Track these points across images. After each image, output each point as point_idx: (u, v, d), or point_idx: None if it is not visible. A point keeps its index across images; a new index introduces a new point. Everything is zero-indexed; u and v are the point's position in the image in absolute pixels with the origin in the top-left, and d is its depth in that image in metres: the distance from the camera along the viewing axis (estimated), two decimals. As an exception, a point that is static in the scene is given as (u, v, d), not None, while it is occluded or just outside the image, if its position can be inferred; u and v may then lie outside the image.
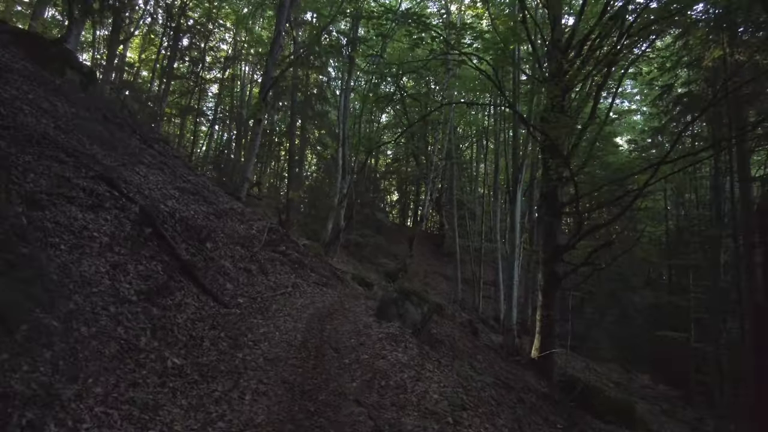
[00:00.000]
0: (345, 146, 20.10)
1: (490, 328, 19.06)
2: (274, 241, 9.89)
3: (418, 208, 34.87)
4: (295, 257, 9.78)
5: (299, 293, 8.62)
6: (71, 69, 11.05)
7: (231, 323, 6.19)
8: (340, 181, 19.92)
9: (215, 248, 8.24)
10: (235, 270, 8.10)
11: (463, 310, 20.47)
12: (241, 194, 11.93)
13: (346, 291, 10.03)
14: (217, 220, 9.26)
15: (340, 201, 19.70)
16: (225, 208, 9.92)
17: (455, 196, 22.10)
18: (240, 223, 9.88)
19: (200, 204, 9.32)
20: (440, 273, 26.98)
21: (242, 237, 9.39)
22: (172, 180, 9.29)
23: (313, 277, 9.51)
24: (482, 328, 18.51)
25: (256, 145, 12.15)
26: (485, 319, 19.50)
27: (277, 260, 9.39)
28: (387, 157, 34.81)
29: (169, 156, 10.60)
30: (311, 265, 10.07)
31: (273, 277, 8.83)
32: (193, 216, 8.47)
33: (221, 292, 7.03)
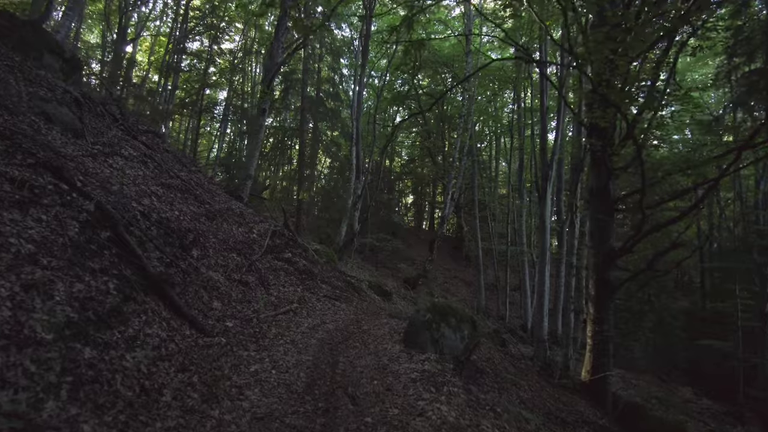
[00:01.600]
0: (359, 145, 18.42)
1: (519, 339, 17.14)
2: (278, 247, 8.18)
3: (434, 211, 33.02)
4: (302, 265, 8.06)
5: (307, 311, 6.88)
6: (50, 53, 9.49)
7: (211, 359, 4.47)
8: (354, 181, 18.23)
9: (203, 256, 6.55)
10: (226, 283, 6.39)
11: (487, 317, 18.58)
12: (242, 193, 10.27)
13: (364, 305, 8.28)
14: (209, 223, 7.58)
15: (354, 203, 17.99)
16: (220, 209, 8.24)
17: (476, 197, 20.22)
18: (238, 225, 8.19)
19: (189, 203, 7.64)
20: (460, 278, 25.11)
21: (239, 242, 7.69)
22: (156, 175, 7.63)
23: (323, 289, 7.78)
24: (509, 338, 16.64)
25: (259, 138, 10.52)
26: (513, 329, 17.60)
27: (281, 270, 7.67)
28: (402, 159, 33.06)
29: (157, 149, 8.96)
30: (322, 274, 8.35)
31: (275, 290, 7.11)
32: (178, 217, 6.79)
33: (204, 314, 5.32)
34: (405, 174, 30.86)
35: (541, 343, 14.99)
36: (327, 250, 13.62)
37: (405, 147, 31.80)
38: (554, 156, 16.03)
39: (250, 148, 10.68)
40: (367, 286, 12.82)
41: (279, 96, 20.17)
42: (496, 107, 23.28)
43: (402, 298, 14.84)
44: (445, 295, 21.63)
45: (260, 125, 10.52)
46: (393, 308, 9.97)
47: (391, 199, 28.94)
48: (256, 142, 10.44)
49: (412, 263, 23.02)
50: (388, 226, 24.19)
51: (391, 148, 27.03)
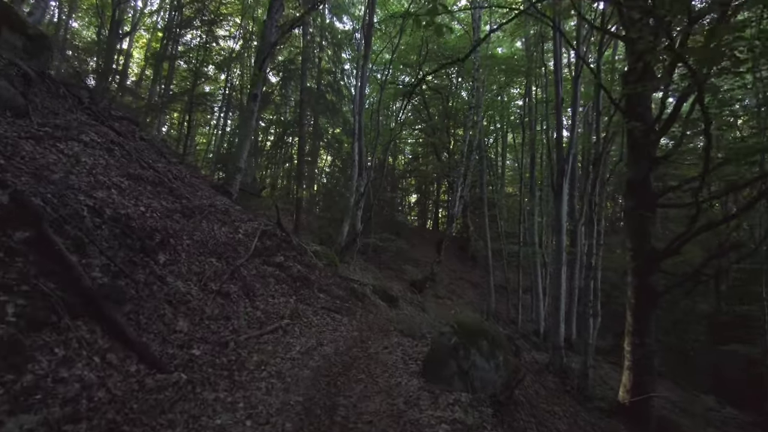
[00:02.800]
0: (361, 140, 17.07)
1: (532, 345, 15.79)
2: (268, 250, 6.84)
3: (438, 209, 31.65)
4: (297, 271, 6.72)
5: (300, 328, 5.54)
6: (11, 30, 8.16)
7: (159, 410, 3.13)
8: (357, 179, 16.89)
9: (172, 261, 5.22)
10: (200, 296, 5.06)
11: (497, 321, 17.24)
12: (231, 188, 8.93)
13: (369, 318, 6.92)
14: (186, 221, 6.24)
15: (356, 201, 16.66)
16: (200, 205, 6.90)
17: (485, 195, 18.86)
18: (221, 224, 6.85)
19: (162, 198, 6.31)
20: (466, 279, 23.72)
21: (221, 244, 6.35)
22: (123, 165, 6.29)
23: (321, 299, 6.44)
24: (523, 345, 15.28)
25: (250, 126, 9.19)
26: (526, 334, 16.24)
27: (270, 276, 6.33)
28: (405, 157, 31.66)
29: (131, 137, 7.63)
30: (320, 281, 7.00)
31: (262, 302, 5.77)
32: (143, 214, 5.46)
33: (163, 340, 3.99)
34: (409, 172, 29.48)
35: (556, 350, 13.68)
36: (327, 252, 12.28)
37: (408, 145, 30.43)
38: (570, 150, 14.70)
39: (240, 138, 9.37)
40: (371, 291, 11.48)
41: (277, 85, 18.82)
42: (504, 101, 21.88)
43: (409, 303, 13.49)
44: (451, 297, 20.30)
45: (251, 112, 9.19)
46: (402, 318, 8.62)
47: (394, 197, 27.60)
48: (247, 131, 9.10)
49: (417, 264, 21.66)
50: (392, 225, 22.83)
51: (395, 145, 25.67)
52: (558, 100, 15.05)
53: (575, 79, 14.71)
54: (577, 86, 14.83)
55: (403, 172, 29.79)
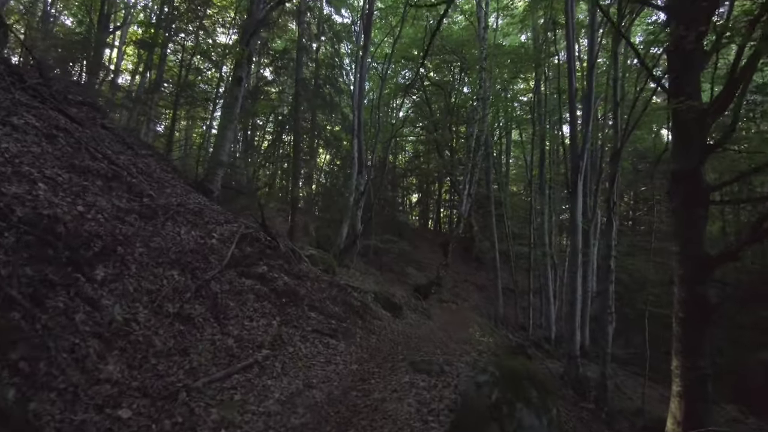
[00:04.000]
0: (360, 137, 15.77)
1: (545, 353, 14.46)
2: (249, 258, 5.51)
3: (440, 209, 30.29)
4: (283, 284, 5.39)
5: (283, 362, 4.23)
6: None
7: None
8: (356, 177, 15.58)
9: (116, 277, 3.89)
10: (150, 322, 3.75)
11: (505, 327, 15.93)
12: (211, 184, 7.62)
13: (371, 342, 5.53)
14: (143, 224, 4.92)
15: (356, 200, 15.35)
16: (167, 204, 5.58)
17: (492, 193, 17.56)
18: (190, 227, 5.52)
19: (114, 196, 4.99)
20: (471, 281, 22.40)
21: (188, 252, 5.03)
22: (65, 155, 4.98)
23: (313, 320, 5.10)
24: (535, 354, 13.98)
25: (234, 114, 7.86)
26: (537, 341, 14.92)
27: (249, 292, 5.01)
28: (405, 156, 30.28)
29: (88, 124, 6.31)
30: (312, 295, 5.64)
31: (235, 327, 4.45)
32: (80, 217, 4.14)
33: (72, 398, 2.67)
34: (410, 170, 28.09)
35: (572, 360, 12.37)
36: (324, 256, 10.98)
37: (409, 143, 29.07)
38: (585, 145, 13.37)
39: (221, 127, 8.07)
40: (372, 299, 10.15)
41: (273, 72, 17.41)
42: (509, 95, 20.55)
43: (413, 311, 12.17)
44: (456, 301, 18.96)
45: (235, 98, 7.87)
46: (409, 333, 7.27)
47: (395, 197, 26.26)
48: (230, 119, 7.78)
49: (420, 266, 20.33)
50: (393, 226, 21.49)
51: (395, 143, 24.35)
52: (571, 91, 13.74)
53: (590, 69, 13.40)
54: (592, 76, 13.55)
55: (404, 170, 28.43)
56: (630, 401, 14.19)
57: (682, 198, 6.61)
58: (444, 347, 6.14)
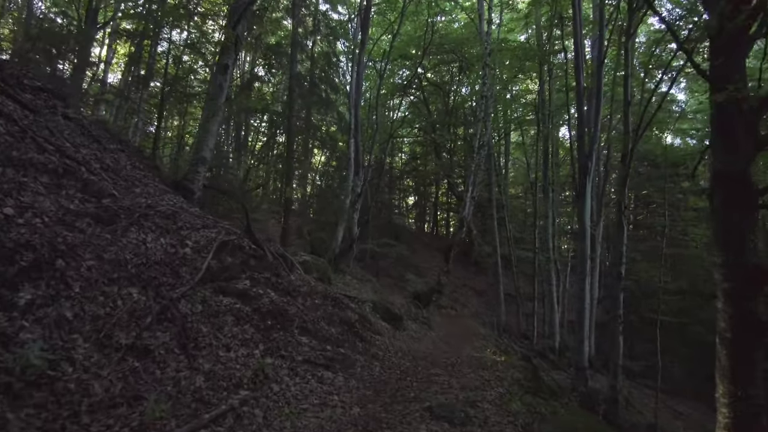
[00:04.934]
0: (357, 136, 14.88)
1: (550, 364, 13.60)
2: (229, 270, 4.57)
3: (437, 212, 29.42)
4: (270, 302, 4.45)
5: (265, 409, 3.30)
6: None
7: None
8: (353, 178, 14.67)
9: (48, 301, 2.94)
10: (90, 361, 2.80)
11: (508, 335, 15.05)
12: (192, 184, 6.66)
13: (375, 372, 4.53)
14: (98, 230, 3.97)
15: (352, 202, 14.44)
16: (132, 206, 4.63)
17: (494, 196, 16.69)
18: (160, 234, 4.57)
19: (63, 196, 4.05)
20: (470, 286, 21.54)
21: (153, 264, 4.08)
22: (2, 145, 4.02)
23: (304, 346, 4.12)
24: (540, 364, 13.12)
25: (219, 106, 6.90)
26: (542, 351, 14.05)
27: (228, 313, 4.06)
28: (402, 158, 29.36)
29: (44, 113, 5.34)
30: (304, 314, 4.67)
31: (208, 360, 3.52)
32: (7, 220, 3.20)
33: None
34: (407, 172, 27.19)
35: (580, 371, 11.51)
36: (319, 262, 10.04)
37: (407, 144, 28.17)
38: (593, 145, 12.53)
39: (204, 119, 7.13)
40: (370, 309, 9.24)
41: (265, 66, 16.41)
42: (508, 98, 19.71)
43: (414, 320, 11.27)
44: (455, 307, 18.09)
45: (220, 87, 6.94)
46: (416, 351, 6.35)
47: (392, 199, 25.34)
48: (214, 110, 6.84)
49: (419, 271, 19.42)
50: (391, 229, 20.59)
51: (393, 144, 23.43)
52: (579, 88, 12.90)
53: (598, 65, 12.61)
54: (601, 73, 12.75)
55: (401, 172, 27.52)
56: (640, 415, 13.32)
57: (725, 201, 5.72)
58: (458, 373, 5.24)
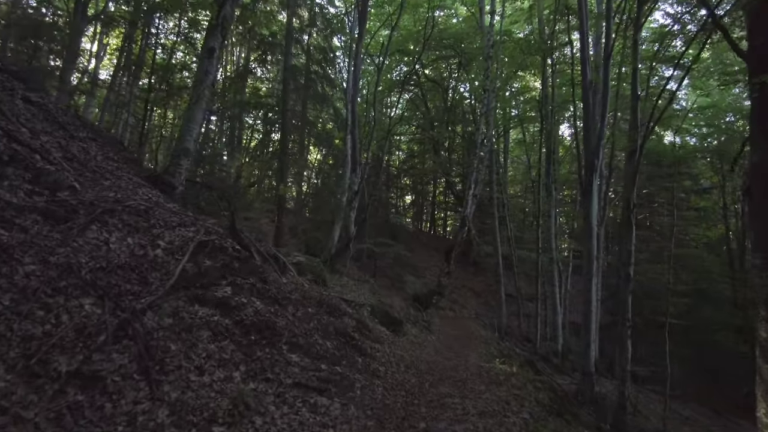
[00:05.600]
0: (354, 132, 14.23)
1: (553, 368, 13.01)
2: (207, 275, 3.88)
3: (435, 211, 28.80)
4: (254, 313, 3.75)
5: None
6: None
7: None
8: (350, 175, 14.02)
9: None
10: (13, 396, 2.12)
11: (510, 338, 14.43)
12: (174, 178, 5.98)
13: (377, 395, 3.77)
14: (47, 228, 3.29)
15: (349, 200, 13.79)
16: (94, 201, 3.94)
17: (495, 194, 16.08)
18: (128, 233, 3.89)
19: (5, 187, 3.36)
20: (468, 287, 20.95)
21: (115, 269, 3.41)
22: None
23: (294, 365, 3.40)
24: (544, 369, 12.52)
25: (203, 93, 6.23)
26: (546, 355, 13.45)
27: (204, 327, 3.38)
28: (399, 156, 28.68)
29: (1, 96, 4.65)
30: (294, 327, 3.93)
31: (175, 386, 2.83)
32: None
33: None
34: (404, 171, 26.52)
35: (587, 377, 10.95)
36: (314, 263, 9.37)
37: (404, 143, 27.48)
38: (600, 141, 11.98)
39: (188, 107, 6.45)
40: (368, 313, 8.59)
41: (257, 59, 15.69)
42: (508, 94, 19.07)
43: (414, 324, 10.63)
44: (454, 308, 17.49)
45: (206, 72, 6.26)
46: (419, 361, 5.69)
47: (390, 198, 24.67)
48: (199, 97, 6.15)
49: (417, 272, 18.80)
50: (388, 228, 19.94)
51: (390, 142, 22.75)
52: (585, 82, 12.33)
53: (606, 58, 12.01)
54: (608, 66, 12.16)
55: (399, 170, 26.84)
56: (648, 421, 12.74)
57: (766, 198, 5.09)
58: (470, 392, 4.59)
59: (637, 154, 11.45)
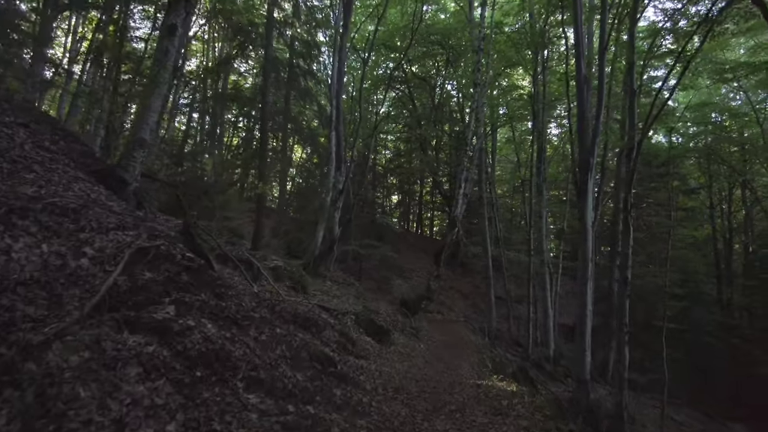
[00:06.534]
0: (339, 128, 13.44)
1: (547, 375, 12.36)
2: (144, 291, 3.03)
3: (421, 211, 28.07)
4: (202, 339, 2.87)
5: None
6: None
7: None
8: (335, 173, 13.22)
9: None
10: None
11: (500, 343, 13.74)
12: (127, 172, 5.10)
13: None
14: None
15: (334, 200, 12.97)
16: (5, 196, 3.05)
17: (485, 193, 15.41)
18: (45, 237, 3.01)
19: None
20: (456, 288, 20.25)
21: (16, 286, 2.54)
22: None
23: (253, 410, 2.57)
24: (537, 376, 11.88)
25: (164, 77, 5.31)
26: (538, 361, 12.78)
27: (131, 361, 2.54)
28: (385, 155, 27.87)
29: None
30: (255, 356, 2.94)
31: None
32: None
33: None
34: (391, 170, 25.72)
35: (582, 384, 10.26)
36: (293, 268, 8.52)
37: (391, 141, 26.70)
38: (596, 138, 11.29)
39: (145, 92, 5.58)
40: (353, 322, 7.78)
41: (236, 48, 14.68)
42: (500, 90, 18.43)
43: (401, 332, 9.85)
44: (442, 311, 16.77)
45: (165, 53, 5.37)
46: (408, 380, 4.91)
47: (376, 197, 23.86)
48: (157, 81, 5.24)
49: (403, 273, 18.03)
50: (374, 229, 19.12)
51: (376, 140, 21.95)
52: (580, 77, 11.63)
53: (601, 52, 11.42)
54: (603, 61, 11.56)
55: (385, 169, 26.05)
56: (644, 429, 12.18)
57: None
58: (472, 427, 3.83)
59: (635, 153, 10.87)
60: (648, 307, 15.90)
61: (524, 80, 20.33)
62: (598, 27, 12.34)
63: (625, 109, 13.91)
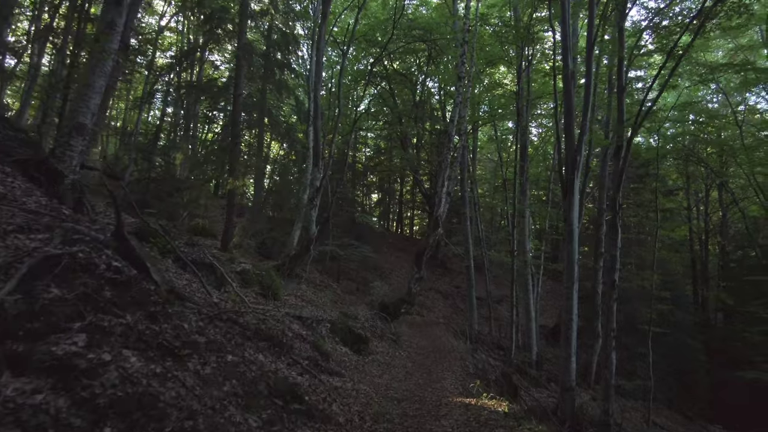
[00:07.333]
0: (317, 123, 12.70)
1: (531, 381, 11.87)
2: (45, 313, 2.30)
3: (402, 210, 27.46)
4: (120, 380, 2.16)
5: None
6: None
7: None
8: (312, 170, 12.47)
9: None
10: None
11: (482, 346, 13.22)
12: (63, 163, 4.29)
13: None
14: None
15: (311, 198, 12.21)
16: None
17: (467, 192, 14.87)
18: None
19: None
20: (436, 289, 19.72)
21: None
22: None
23: None
24: (520, 382, 11.36)
25: (108, 48, 4.56)
26: (521, 366, 12.29)
27: (9, 420, 1.80)
28: (365, 153, 27.16)
29: None
30: (192, 401, 2.35)
31: None
32: None
33: None
34: (371, 167, 25.00)
35: (567, 392, 9.74)
36: (262, 272, 7.73)
37: (371, 139, 25.99)
38: (583, 136, 10.78)
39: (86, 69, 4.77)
40: (328, 331, 7.08)
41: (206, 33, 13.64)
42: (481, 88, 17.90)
43: (380, 338, 9.20)
44: (421, 312, 16.23)
45: (110, 25, 4.57)
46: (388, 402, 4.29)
47: (355, 196, 23.14)
48: (98, 58, 4.48)
49: (382, 274, 17.39)
50: (353, 228, 18.41)
51: (355, 138, 21.23)
52: (567, 73, 11.06)
53: (589, 47, 10.91)
54: (591, 56, 11.07)
55: (365, 167, 25.33)
56: (630, 431, 11.89)
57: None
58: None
59: (624, 151, 10.46)
60: (630, 310, 15.61)
61: (506, 78, 19.93)
62: (585, 22, 11.92)
63: (610, 108, 13.51)
